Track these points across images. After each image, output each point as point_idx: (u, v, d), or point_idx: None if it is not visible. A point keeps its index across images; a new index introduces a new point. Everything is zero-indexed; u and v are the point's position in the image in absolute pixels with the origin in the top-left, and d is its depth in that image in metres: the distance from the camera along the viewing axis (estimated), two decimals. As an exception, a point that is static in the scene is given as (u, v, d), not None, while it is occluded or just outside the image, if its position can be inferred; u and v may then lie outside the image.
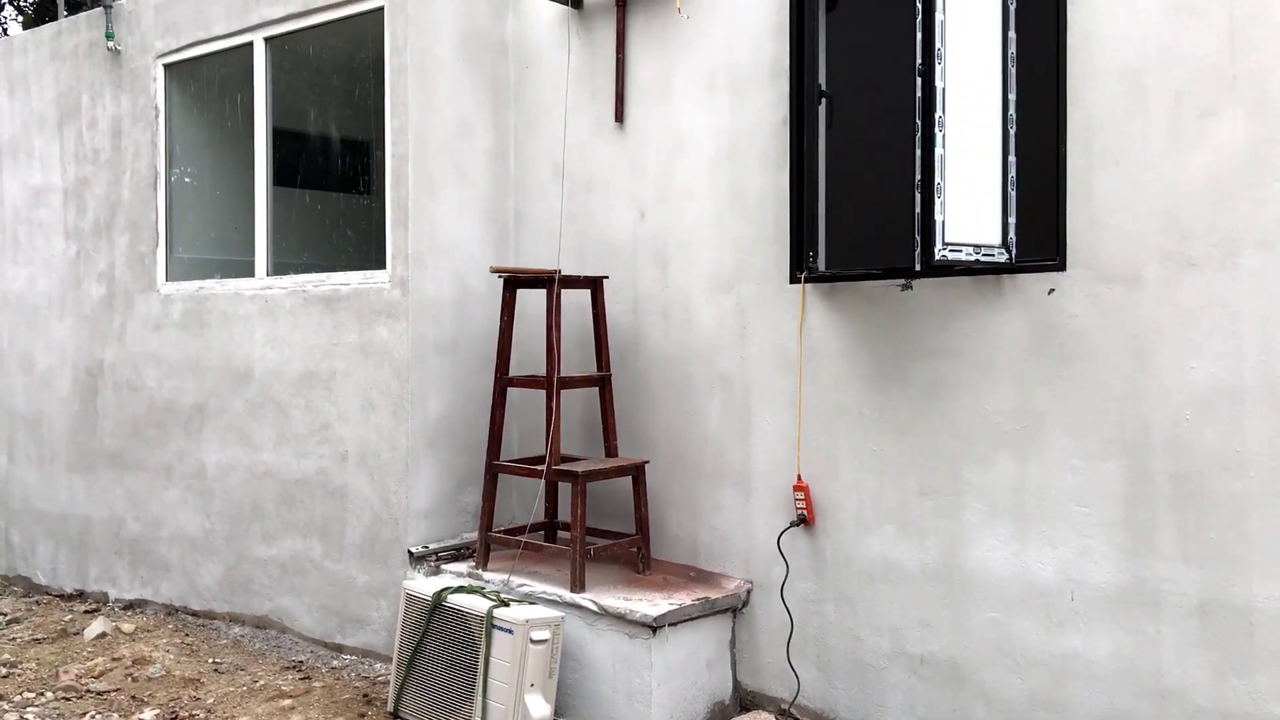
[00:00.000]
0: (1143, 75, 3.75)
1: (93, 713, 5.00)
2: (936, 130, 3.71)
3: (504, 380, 5.15)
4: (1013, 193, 3.95)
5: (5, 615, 6.75)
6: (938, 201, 3.72)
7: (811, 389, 4.60)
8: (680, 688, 4.56)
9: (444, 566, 5.26)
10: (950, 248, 3.77)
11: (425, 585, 4.84)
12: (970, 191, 3.85)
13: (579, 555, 4.73)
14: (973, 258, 3.85)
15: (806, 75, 4.32)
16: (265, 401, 5.99)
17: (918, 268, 3.85)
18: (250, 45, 6.13)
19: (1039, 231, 3.94)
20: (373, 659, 5.52)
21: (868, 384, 4.44)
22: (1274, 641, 3.52)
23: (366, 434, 5.52)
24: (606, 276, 5.26)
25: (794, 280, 4.58)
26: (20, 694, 5.26)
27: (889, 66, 3.87)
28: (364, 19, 5.64)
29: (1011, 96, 3.93)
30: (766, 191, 4.73)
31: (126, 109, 6.80)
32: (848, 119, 4.23)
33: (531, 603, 4.71)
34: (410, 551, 5.33)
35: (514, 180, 5.78)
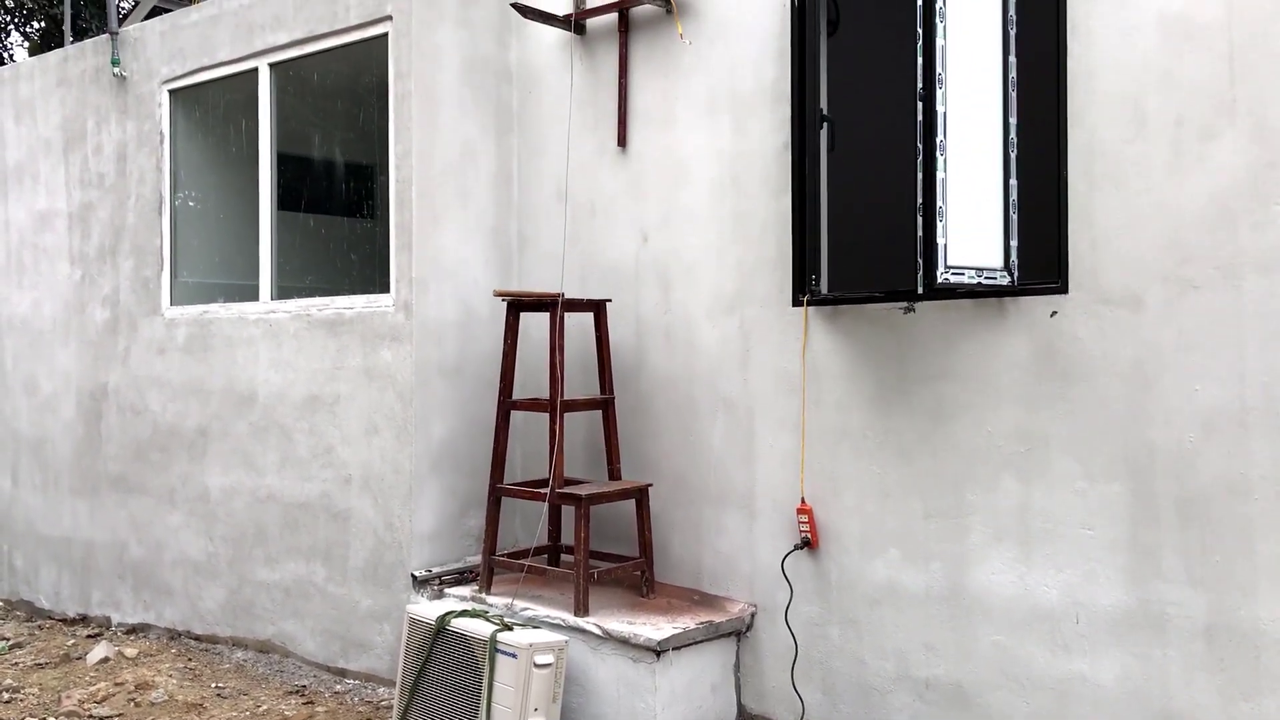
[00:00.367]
0: (1143, 99, 3.77)
1: (95, 738, 5.00)
2: (938, 154, 3.73)
3: (507, 403, 5.15)
4: (1014, 216, 3.96)
5: (8, 640, 6.73)
6: (939, 224, 3.73)
7: (814, 411, 4.61)
8: (684, 712, 4.54)
9: (447, 590, 5.25)
10: (952, 270, 3.78)
11: (429, 609, 4.83)
12: (972, 214, 3.86)
13: (582, 579, 4.72)
14: (975, 280, 3.86)
15: (808, 99, 4.35)
16: (269, 425, 6.00)
17: (920, 290, 3.85)
18: (255, 71, 6.17)
19: (1041, 254, 3.96)
20: (376, 683, 5.50)
21: (871, 406, 4.44)
22: (1281, 665, 3.51)
23: (370, 457, 5.52)
24: (609, 299, 5.28)
25: (796, 303, 4.60)
26: (23, 719, 5.24)
27: (890, 90, 3.89)
28: (368, 45, 5.68)
29: (1012, 120, 3.95)
30: (768, 215, 4.75)
31: (132, 134, 6.84)
32: (849, 143, 4.25)
33: (535, 626, 4.70)
34: (414, 575, 5.32)
35: (517, 204, 5.80)
